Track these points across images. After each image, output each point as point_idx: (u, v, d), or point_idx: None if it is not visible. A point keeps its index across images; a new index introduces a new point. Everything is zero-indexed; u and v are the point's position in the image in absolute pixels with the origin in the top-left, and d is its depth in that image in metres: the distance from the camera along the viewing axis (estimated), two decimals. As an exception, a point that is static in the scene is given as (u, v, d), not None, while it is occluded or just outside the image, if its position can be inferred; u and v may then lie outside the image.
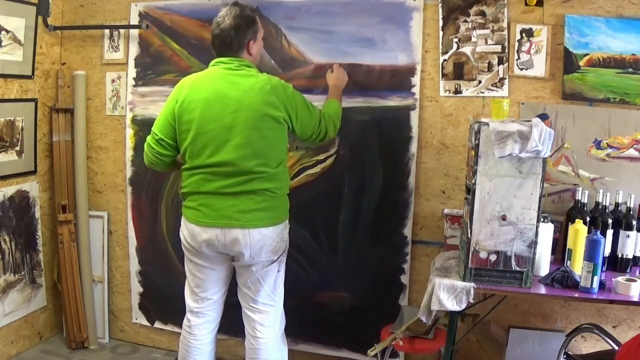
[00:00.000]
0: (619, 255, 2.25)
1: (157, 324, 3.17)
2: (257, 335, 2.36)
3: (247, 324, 2.39)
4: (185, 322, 2.46)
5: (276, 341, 2.39)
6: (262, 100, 2.14)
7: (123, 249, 3.20)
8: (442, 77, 2.57)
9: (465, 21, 2.50)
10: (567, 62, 2.37)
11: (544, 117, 2.39)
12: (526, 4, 2.42)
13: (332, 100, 2.49)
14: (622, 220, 2.24)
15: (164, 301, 3.10)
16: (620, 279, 2.02)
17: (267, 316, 2.36)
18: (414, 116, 2.60)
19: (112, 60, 3.08)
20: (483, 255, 2.04)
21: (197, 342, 2.43)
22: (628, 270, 2.24)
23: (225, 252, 2.26)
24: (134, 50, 3.02)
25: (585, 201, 2.29)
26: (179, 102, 2.23)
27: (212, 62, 2.27)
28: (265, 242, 2.23)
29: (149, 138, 2.34)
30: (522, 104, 2.48)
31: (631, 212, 2.24)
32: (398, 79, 2.60)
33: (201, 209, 2.24)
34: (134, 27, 2.99)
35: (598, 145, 2.40)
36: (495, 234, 2.02)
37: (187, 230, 2.30)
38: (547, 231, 2.15)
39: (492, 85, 2.51)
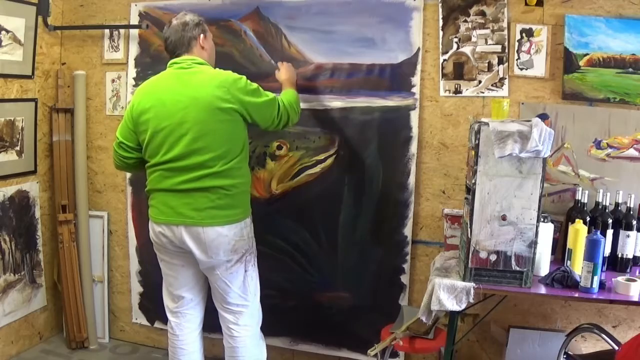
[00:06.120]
0: (619, 255, 2.25)
1: (157, 324, 3.17)
2: (233, 335, 2.38)
3: (223, 323, 2.41)
4: (168, 322, 2.49)
5: (253, 339, 2.41)
6: (211, 93, 2.16)
7: (123, 249, 3.21)
8: (442, 77, 2.57)
9: (465, 21, 2.50)
10: (567, 62, 2.37)
11: (544, 117, 2.39)
12: (526, 4, 2.42)
13: (288, 89, 2.52)
14: (622, 220, 2.24)
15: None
16: (620, 279, 2.02)
17: (241, 315, 2.38)
18: (414, 116, 2.60)
19: (112, 60, 3.08)
20: (483, 255, 2.04)
21: (180, 343, 2.44)
22: (628, 270, 2.24)
23: (183, 249, 2.28)
24: (134, 50, 3.02)
25: (585, 201, 2.29)
26: (134, 106, 2.28)
27: (168, 64, 2.31)
28: (221, 241, 2.23)
29: (114, 142, 2.40)
30: (522, 104, 2.48)
31: (631, 212, 2.24)
32: (398, 79, 2.60)
33: (159, 206, 2.28)
34: (134, 27, 2.99)
35: (598, 145, 2.40)
36: (495, 234, 2.02)
37: (151, 228, 2.35)
38: (547, 231, 2.15)
39: (492, 85, 2.51)
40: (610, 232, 2.23)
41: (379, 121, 2.64)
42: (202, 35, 2.31)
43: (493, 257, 2.03)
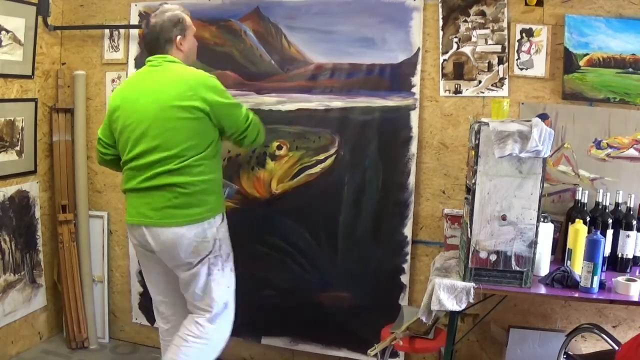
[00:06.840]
0: (619, 255, 2.25)
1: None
2: (183, 335, 2.25)
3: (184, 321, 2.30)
4: (159, 327, 2.47)
5: (202, 351, 2.25)
6: (175, 91, 2.13)
7: (123, 248, 3.20)
8: (442, 77, 2.57)
9: (465, 21, 2.50)
10: (567, 62, 2.37)
11: (544, 117, 2.39)
12: (526, 4, 2.42)
13: None
14: (622, 220, 2.24)
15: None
16: (620, 279, 2.02)
17: (200, 321, 2.25)
18: (414, 116, 2.60)
19: (112, 60, 3.08)
20: (483, 255, 2.04)
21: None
22: (628, 270, 2.24)
23: (150, 250, 2.24)
24: (134, 50, 3.02)
25: (585, 201, 2.29)
26: (110, 103, 2.30)
27: (145, 62, 2.29)
28: (180, 242, 2.15)
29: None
30: (522, 104, 2.48)
31: (631, 212, 2.24)
32: (398, 79, 2.60)
33: (128, 207, 2.27)
34: (134, 27, 2.99)
35: (598, 145, 2.40)
36: (495, 233, 2.02)
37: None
38: (547, 231, 2.15)
39: (492, 85, 2.51)
40: (610, 232, 2.23)
41: (379, 121, 2.64)
42: (179, 37, 2.23)
43: (493, 257, 2.03)
